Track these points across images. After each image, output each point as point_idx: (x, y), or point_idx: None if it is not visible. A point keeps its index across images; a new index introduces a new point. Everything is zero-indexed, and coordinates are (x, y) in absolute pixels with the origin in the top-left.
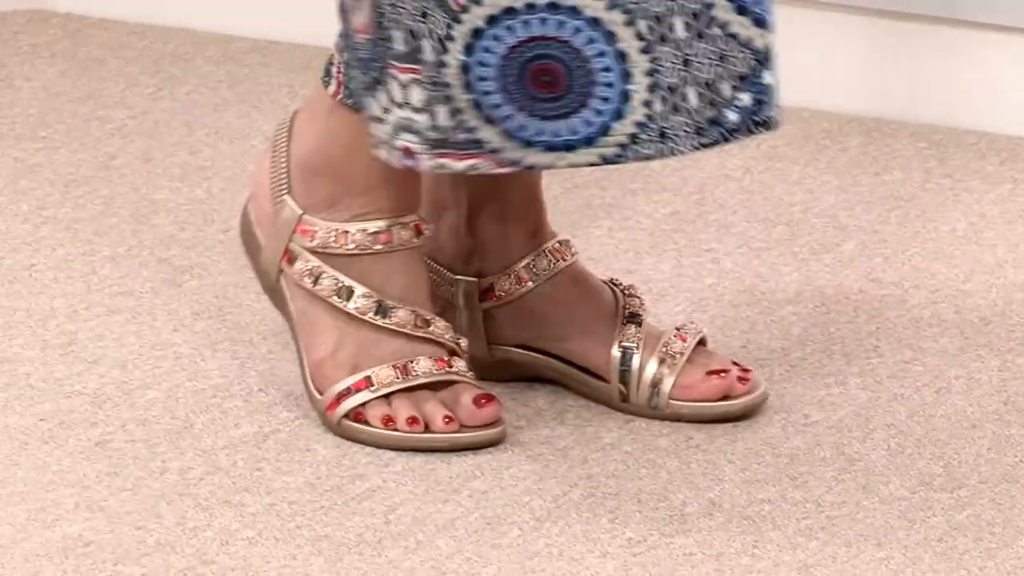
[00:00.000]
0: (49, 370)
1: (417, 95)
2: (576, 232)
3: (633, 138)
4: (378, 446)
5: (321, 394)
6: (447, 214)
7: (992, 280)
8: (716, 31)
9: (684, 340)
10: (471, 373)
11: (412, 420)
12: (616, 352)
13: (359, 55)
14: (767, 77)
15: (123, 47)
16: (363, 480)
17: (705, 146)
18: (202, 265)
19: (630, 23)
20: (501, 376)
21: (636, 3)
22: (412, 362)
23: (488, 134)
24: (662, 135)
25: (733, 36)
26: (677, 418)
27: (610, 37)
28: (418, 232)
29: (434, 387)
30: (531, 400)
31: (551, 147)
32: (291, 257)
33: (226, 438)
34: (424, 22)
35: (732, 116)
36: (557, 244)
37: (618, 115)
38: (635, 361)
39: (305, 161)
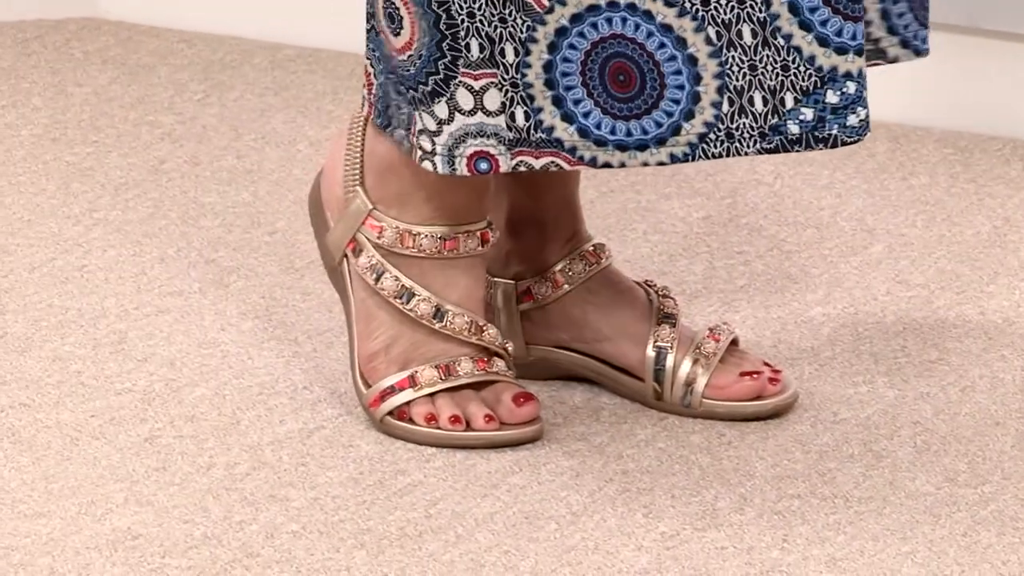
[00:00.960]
0: (100, 368)
1: (494, 98)
2: (611, 235)
3: (702, 138)
4: (420, 443)
5: (368, 387)
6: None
7: (1015, 282)
8: (780, 41)
9: (717, 341)
10: (511, 372)
11: (454, 419)
12: (651, 352)
13: (402, 73)
14: (831, 96)
15: (172, 54)
16: (405, 475)
17: (767, 151)
18: (249, 266)
19: (699, 29)
20: (538, 375)
21: (705, 10)
22: (455, 363)
23: (564, 133)
24: (729, 135)
25: (797, 49)
26: (710, 416)
27: (680, 42)
28: (484, 241)
29: (476, 386)
30: (567, 398)
31: (623, 146)
32: (356, 248)
33: (272, 434)
34: (503, 26)
35: (793, 128)
36: (592, 248)
37: (689, 115)
38: (669, 361)
39: (379, 156)
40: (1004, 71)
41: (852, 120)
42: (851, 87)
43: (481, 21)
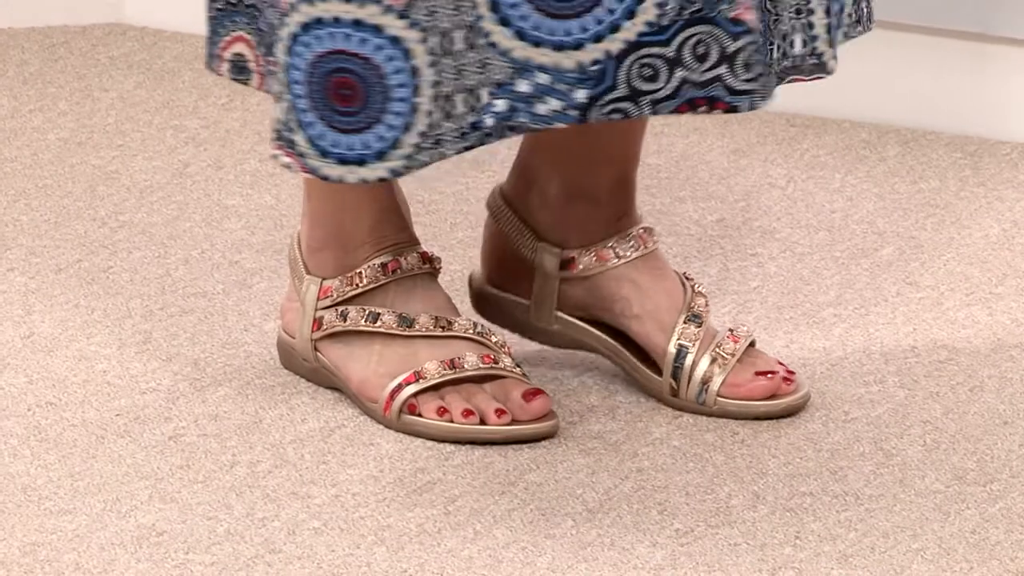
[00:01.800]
0: (125, 367)
1: (274, 85)
2: None
3: (417, 148)
4: (436, 438)
5: (375, 402)
6: (539, 180)
7: (1023, 284)
8: (481, 41)
9: (736, 342)
10: (518, 369)
11: (467, 412)
12: (672, 349)
13: None
14: (522, 86)
15: (197, 59)
16: (424, 473)
17: (466, 148)
18: (271, 268)
19: (423, 40)
20: (556, 343)
21: (429, 21)
22: (459, 357)
23: (299, 137)
24: (436, 142)
25: (493, 45)
26: (723, 415)
27: (407, 54)
28: (425, 259)
29: (480, 382)
30: (584, 397)
31: (344, 160)
32: (320, 322)
33: (294, 433)
34: (265, 20)
35: (488, 120)
36: (642, 231)
37: (407, 128)
38: (688, 360)
39: (308, 246)
40: (1013, 76)
41: (542, 109)
42: (543, 78)
43: (266, 8)
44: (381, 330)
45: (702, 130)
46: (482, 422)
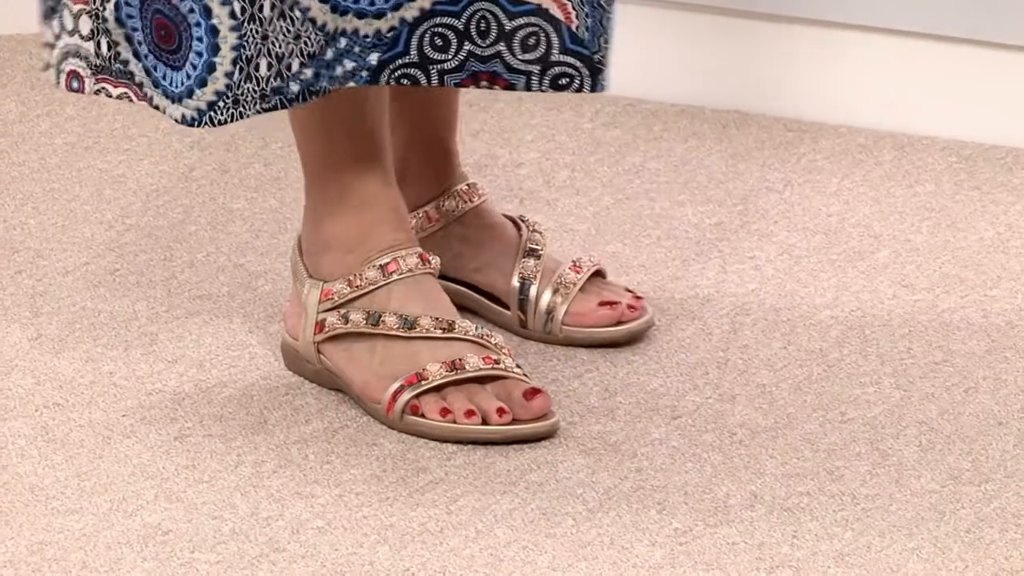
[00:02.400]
0: (131, 369)
1: (86, 24)
2: (626, 240)
3: (211, 105)
4: (438, 439)
5: (378, 403)
6: None
7: (1018, 286)
8: (297, 14)
9: (578, 272)
10: (519, 369)
11: (469, 412)
12: (515, 283)
13: None
14: (328, 53)
15: None
16: (426, 473)
17: (265, 110)
18: (275, 270)
19: (225, 3)
20: None
21: None
22: (460, 359)
23: (136, 68)
24: (235, 101)
25: (313, 21)
26: (569, 343)
27: (206, 12)
28: (423, 260)
29: (481, 383)
30: (583, 398)
31: (167, 94)
32: (322, 325)
33: (298, 433)
34: None
35: (294, 87)
36: (465, 187)
37: (202, 83)
38: (532, 291)
39: (308, 250)
40: (1008, 82)
41: (338, 71)
42: (343, 42)
43: None
44: (383, 332)
45: (700, 135)
46: (484, 422)
